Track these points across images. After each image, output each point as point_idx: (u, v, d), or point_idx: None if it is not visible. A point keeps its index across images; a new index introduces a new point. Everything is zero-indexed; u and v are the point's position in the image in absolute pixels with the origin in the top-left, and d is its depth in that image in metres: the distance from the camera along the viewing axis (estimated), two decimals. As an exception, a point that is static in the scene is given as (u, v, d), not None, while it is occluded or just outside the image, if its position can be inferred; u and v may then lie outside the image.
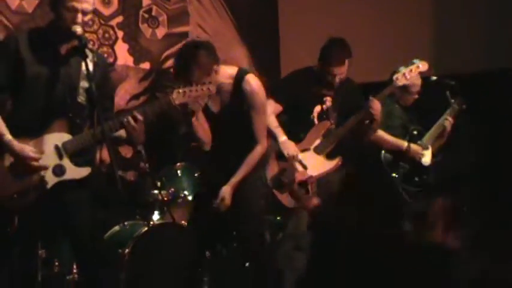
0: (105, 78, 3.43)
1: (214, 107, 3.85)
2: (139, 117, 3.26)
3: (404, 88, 4.77)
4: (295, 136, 4.34)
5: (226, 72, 3.81)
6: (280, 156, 4.27)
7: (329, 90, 4.40)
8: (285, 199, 4.27)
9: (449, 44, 5.83)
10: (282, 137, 4.25)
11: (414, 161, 4.88)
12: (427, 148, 4.91)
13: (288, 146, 4.25)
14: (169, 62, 6.29)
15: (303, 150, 4.33)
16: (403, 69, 4.42)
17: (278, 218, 4.78)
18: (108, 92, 3.53)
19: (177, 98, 3.36)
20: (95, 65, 3.26)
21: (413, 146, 4.88)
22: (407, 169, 4.85)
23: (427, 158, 4.91)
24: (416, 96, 4.95)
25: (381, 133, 4.80)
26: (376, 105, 4.26)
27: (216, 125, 3.84)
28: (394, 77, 4.38)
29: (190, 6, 6.49)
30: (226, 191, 3.79)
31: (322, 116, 4.43)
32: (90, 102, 3.24)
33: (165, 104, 3.37)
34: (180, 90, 3.36)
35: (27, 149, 3.17)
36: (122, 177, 4.56)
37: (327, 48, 4.34)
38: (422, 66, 4.44)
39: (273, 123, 4.23)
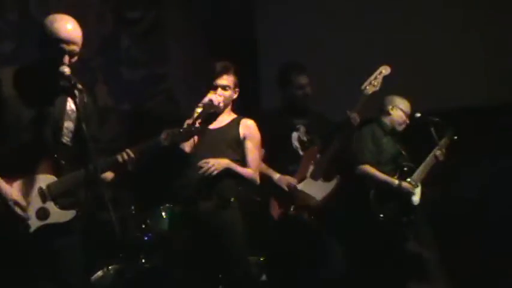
0: (91, 118, 3.36)
1: None
2: (132, 154, 3.22)
3: (397, 107, 4.95)
4: (284, 170, 4.45)
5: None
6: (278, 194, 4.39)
7: (298, 117, 4.58)
8: None
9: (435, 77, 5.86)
10: (276, 175, 4.41)
11: (403, 200, 4.83)
12: (417, 186, 4.87)
13: (285, 180, 4.40)
14: (150, 103, 6.28)
15: (301, 181, 4.44)
16: (368, 79, 4.57)
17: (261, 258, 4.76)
18: (93, 133, 3.43)
19: (166, 139, 3.36)
20: (82, 103, 3.19)
21: (405, 184, 4.84)
22: (395, 209, 4.80)
23: (416, 197, 4.87)
24: (408, 121, 5.01)
25: (371, 169, 4.80)
26: (356, 118, 4.45)
27: None
28: (362, 87, 4.53)
29: (170, 46, 6.48)
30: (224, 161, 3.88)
31: (304, 143, 4.55)
32: (79, 142, 3.16)
33: (154, 146, 3.36)
34: (170, 131, 3.36)
35: (16, 194, 3.08)
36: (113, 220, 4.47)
37: (281, 69, 4.68)
38: (385, 70, 4.59)
39: (263, 166, 4.35)
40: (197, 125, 3.61)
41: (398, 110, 4.99)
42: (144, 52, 6.30)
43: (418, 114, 5.02)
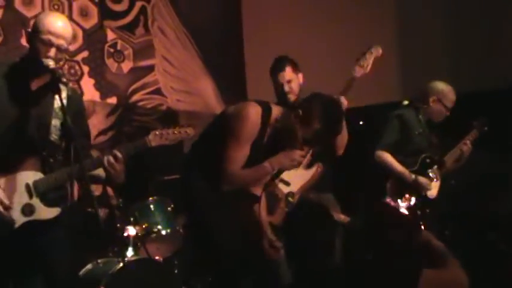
0: (80, 113, 3.38)
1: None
2: (119, 155, 3.22)
3: (440, 101, 4.70)
4: None
5: None
6: None
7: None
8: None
9: (417, 65, 5.86)
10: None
11: (420, 193, 4.65)
12: (436, 180, 4.71)
13: None
14: (136, 96, 6.28)
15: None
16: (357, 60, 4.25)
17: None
18: (84, 128, 3.44)
19: (153, 139, 3.34)
20: (69, 98, 3.20)
21: (421, 179, 4.66)
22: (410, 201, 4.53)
23: (433, 191, 4.72)
24: (448, 113, 4.76)
25: (391, 160, 4.67)
26: (344, 102, 4.16)
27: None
28: (352, 69, 4.19)
29: (155, 39, 6.49)
30: None
31: None
32: (66, 139, 3.16)
33: (140, 146, 3.34)
34: (157, 132, 3.34)
35: (0, 192, 3.09)
36: (98, 213, 4.48)
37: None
38: (376, 51, 4.25)
39: None
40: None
41: (440, 104, 4.74)
42: (130, 45, 6.29)
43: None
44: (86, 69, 5.95)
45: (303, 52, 5.95)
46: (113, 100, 6.11)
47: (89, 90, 5.96)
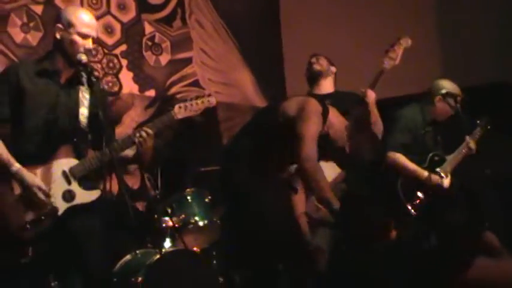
0: (107, 106, 3.49)
1: None
2: (150, 131, 3.32)
3: (444, 99, 4.70)
4: None
5: None
6: None
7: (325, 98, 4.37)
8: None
9: (459, 56, 5.78)
10: None
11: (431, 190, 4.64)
12: (446, 176, 4.69)
13: None
14: (174, 89, 6.32)
15: None
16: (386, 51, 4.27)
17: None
18: (109, 113, 3.58)
19: (178, 112, 3.44)
20: (98, 92, 3.31)
21: (434, 176, 4.65)
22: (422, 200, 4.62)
23: (445, 187, 4.67)
24: (453, 112, 4.75)
25: (401, 157, 4.64)
26: (371, 94, 4.21)
27: None
28: (380, 61, 4.21)
29: (192, 31, 6.52)
30: None
31: None
32: (94, 127, 3.28)
33: (167, 120, 3.44)
34: (181, 105, 3.45)
35: (38, 180, 3.17)
36: (132, 205, 4.54)
37: None
38: (405, 42, 4.26)
39: None
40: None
41: (445, 104, 4.75)
42: (167, 38, 6.33)
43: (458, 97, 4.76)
44: (124, 62, 6.01)
45: (339, 44, 5.95)
46: (151, 93, 6.16)
47: (128, 83, 6.02)
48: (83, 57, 3.20)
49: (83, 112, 3.30)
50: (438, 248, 4.11)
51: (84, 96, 3.28)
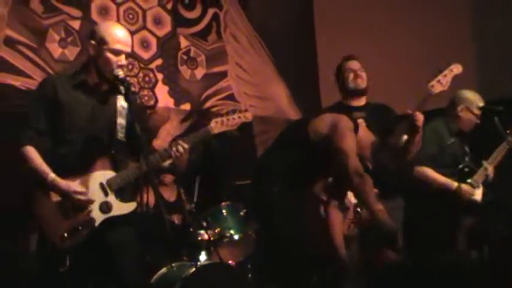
0: (142, 111, 3.55)
1: None
2: (186, 145, 3.34)
3: (468, 109, 4.68)
4: None
5: None
6: None
7: (356, 111, 4.34)
8: None
9: (496, 66, 5.71)
10: None
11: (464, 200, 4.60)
12: (478, 187, 4.64)
13: None
14: (209, 102, 6.35)
15: None
16: (437, 76, 4.11)
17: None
18: (146, 124, 3.64)
19: (215, 127, 3.49)
20: (136, 105, 3.35)
21: (464, 187, 4.62)
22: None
23: (477, 198, 4.65)
24: (478, 121, 4.74)
25: (430, 171, 4.62)
26: (420, 117, 4.15)
27: None
28: (429, 85, 4.04)
29: (227, 45, 6.56)
30: None
31: None
32: (132, 139, 3.30)
33: (204, 135, 3.48)
34: (218, 120, 3.49)
35: (73, 184, 3.21)
36: (168, 218, 4.57)
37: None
38: (456, 69, 4.12)
39: None
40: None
41: (469, 113, 4.74)
42: (202, 52, 6.37)
43: (481, 104, 4.74)
44: (160, 76, 6.07)
45: (373, 57, 5.90)
46: (186, 106, 6.20)
47: (164, 97, 6.07)
48: (120, 73, 3.22)
49: (121, 122, 3.35)
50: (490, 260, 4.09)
51: (122, 106, 3.32)
